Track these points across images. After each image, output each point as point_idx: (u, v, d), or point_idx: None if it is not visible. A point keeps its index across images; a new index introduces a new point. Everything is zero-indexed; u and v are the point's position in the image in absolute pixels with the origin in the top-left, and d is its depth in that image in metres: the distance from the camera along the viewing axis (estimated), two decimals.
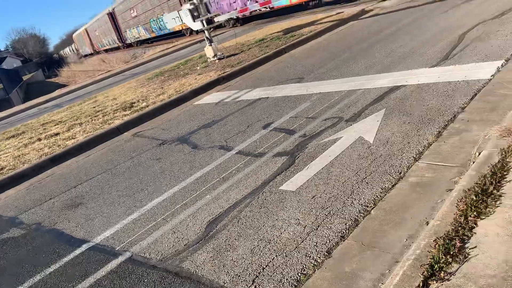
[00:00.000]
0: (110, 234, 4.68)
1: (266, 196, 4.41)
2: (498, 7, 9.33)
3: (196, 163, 5.93)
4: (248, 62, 12.14)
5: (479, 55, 6.54)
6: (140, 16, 40.31)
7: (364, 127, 5.31)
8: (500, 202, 3.02)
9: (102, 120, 10.29)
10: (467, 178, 3.40)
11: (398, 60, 7.78)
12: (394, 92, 6.18)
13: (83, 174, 7.12)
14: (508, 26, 7.63)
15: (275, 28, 18.30)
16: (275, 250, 3.47)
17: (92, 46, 65.41)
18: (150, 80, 15.01)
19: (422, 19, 10.93)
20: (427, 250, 2.76)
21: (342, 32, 13.18)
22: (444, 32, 8.73)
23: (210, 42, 14.11)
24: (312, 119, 6.21)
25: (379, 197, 3.76)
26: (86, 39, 67.28)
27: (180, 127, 8.09)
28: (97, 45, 62.64)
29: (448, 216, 3.03)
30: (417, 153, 4.28)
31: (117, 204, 5.45)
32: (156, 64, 21.53)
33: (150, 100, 10.97)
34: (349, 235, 3.38)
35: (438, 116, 4.95)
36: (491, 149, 3.71)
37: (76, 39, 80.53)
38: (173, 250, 3.96)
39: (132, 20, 43.05)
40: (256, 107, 7.86)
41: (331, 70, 8.77)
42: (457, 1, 11.74)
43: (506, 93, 4.81)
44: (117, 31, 48.73)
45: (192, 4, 13.50)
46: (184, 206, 4.76)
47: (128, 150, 7.71)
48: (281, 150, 5.45)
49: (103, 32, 55.10)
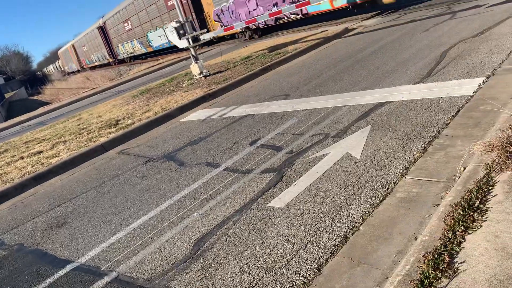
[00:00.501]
0: (96, 253, 4.58)
1: (254, 213, 4.38)
2: (477, 26, 9.60)
3: (183, 180, 5.89)
4: (234, 79, 12.20)
5: (460, 72, 6.69)
6: (135, 28, 37.97)
7: (351, 143, 5.36)
8: (486, 217, 3.05)
9: (86, 137, 10.17)
10: (454, 193, 3.43)
11: (382, 77, 7.91)
12: (379, 108, 6.26)
13: (67, 193, 6.99)
14: (487, 44, 7.84)
15: (260, 46, 18.49)
16: (264, 268, 3.44)
17: (79, 62, 63.16)
18: (136, 97, 14.95)
19: (404, 37, 11.17)
20: (417, 265, 2.76)
21: (326, 50, 13.37)
22: (426, 49, 8.93)
23: (196, 59, 14.17)
24: (299, 136, 6.23)
25: (367, 213, 3.77)
26: (72, 55, 65.15)
27: (166, 144, 8.04)
28: (84, 61, 60.32)
29: (436, 231, 3.04)
30: (403, 168, 4.32)
31: (102, 223, 5.35)
32: (142, 82, 21.49)
33: (136, 117, 10.91)
34: (338, 252, 3.37)
35: (423, 132, 5.02)
36: (476, 164, 3.77)
37: (62, 55, 77.76)
38: (160, 269, 3.89)
39: (126, 34, 40.79)
40: (242, 123, 7.87)
41: (316, 87, 8.86)
42: (438, 19, 12.06)
43: (488, 109, 4.91)
44: (108, 46, 46.89)
45: (178, 22, 13.58)
46: (171, 224, 4.70)
47: (114, 168, 7.62)
48: (269, 167, 5.45)
49: (92, 47, 53.00)
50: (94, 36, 49.26)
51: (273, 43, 18.09)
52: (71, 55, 66.21)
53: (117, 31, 42.49)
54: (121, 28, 41.28)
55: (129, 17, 37.66)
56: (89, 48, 53.83)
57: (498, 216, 3.01)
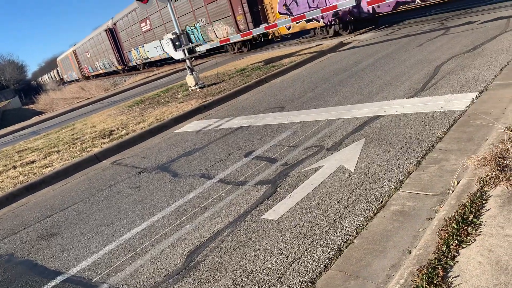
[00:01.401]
0: (87, 265, 4.52)
1: (248, 225, 4.36)
2: (470, 42, 9.73)
3: (177, 191, 5.85)
4: (230, 91, 12.23)
5: (454, 87, 6.76)
6: (155, 29, 31.40)
7: (345, 156, 5.37)
8: (480, 231, 3.05)
9: (80, 147, 10.12)
10: (448, 207, 3.44)
11: (376, 90, 7.96)
12: (373, 122, 6.30)
13: (59, 203, 6.92)
14: (480, 60, 7.94)
15: (256, 58, 18.59)
16: (257, 281, 3.41)
17: (80, 70, 57.58)
18: (130, 107, 14.93)
19: (398, 51, 11.29)
20: (411, 279, 2.75)
21: (321, 63, 13.47)
22: (420, 64, 9.02)
23: (192, 71, 14.21)
24: (294, 148, 6.24)
25: (361, 226, 3.76)
26: (73, 62, 59.83)
27: (160, 155, 8.01)
28: (87, 69, 54.52)
29: (430, 244, 3.04)
30: (397, 182, 4.33)
31: (94, 234, 5.29)
32: (137, 92, 21.49)
33: (130, 127, 10.88)
34: (332, 265, 3.35)
35: (417, 145, 5.05)
36: (470, 178, 3.78)
37: (60, 63, 72.82)
38: (152, 282, 3.84)
39: (142, 36, 34.25)
40: (237, 135, 7.87)
41: (311, 100, 8.90)
42: (431, 35, 12.21)
43: (481, 124, 4.96)
44: (118, 51, 41.38)
45: (174, 33, 13.65)
46: (164, 235, 4.65)
47: (107, 178, 7.57)
48: (263, 179, 5.44)
49: (97, 53, 47.66)
50: (101, 40, 44.06)
51: (268, 56, 18.21)
52: (71, 62, 61.40)
53: (131, 33, 36.78)
54: (136, 30, 35.23)
55: (149, 15, 31.42)
56: (94, 53, 49.07)
57: (491, 230, 3.02)
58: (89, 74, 54.18)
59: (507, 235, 2.92)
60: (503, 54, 7.78)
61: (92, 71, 52.55)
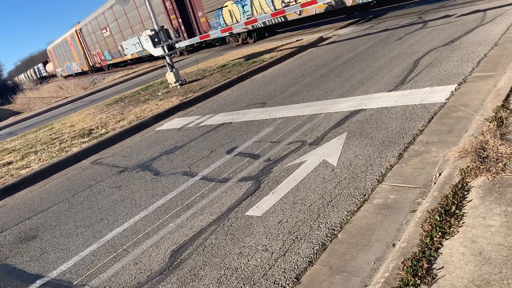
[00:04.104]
0: (67, 267, 4.41)
1: (231, 222, 4.31)
2: (448, 35, 9.84)
3: (159, 190, 5.77)
4: (211, 87, 12.14)
5: (433, 80, 6.82)
6: None
7: (328, 151, 5.36)
8: (463, 222, 3.07)
9: (59, 147, 9.90)
10: (430, 199, 3.45)
11: (357, 84, 7.99)
12: (355, 116, 6.31)
13: (38, 205, 6.75)
14: (458, 52, 8.03)
15: (237, 54, 18.50)
16: (242, 279, 3.37)
17: (88, 59, 42.33)
18: (110, 106, 14.69)
19: (378, 45, 11.35)
20: (396, 272, 2.75)
21: (302, 58, 13.47)
22: (400, 58, 9.09)
23: (172, 68, 14.05)
24: (276, 143, 6.21)
25: (345, 220, 3.75)
26: (74, 48, 44.51)
27: (141, 154, 7.89)
28: (100, 55, 38.40)
29: (414, 237, 3.04)
30: (380, 175, 4.34)
31: (74, 235, 5.17)
32: (116, 90, 21.17)
33: (110, 126, 10.70)
34: (317, 260, 3.34)
35: (398, 138, 5.07)
36: (451, 169, 3.81)
37: (52, 52, 55.05)
38: (135, 283, 3.77)
39: None
40: (219, 132, 7.80)
41: (293, 95, 8.88)
42: (410, 28, 12.32)
43: (461, 116, 5.01)
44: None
45: (152, 30, 13.46)
46: (146, 235, 4.57)
47: (87, 178, 7.42)
48: (246, 175, 5.40)
49: (126, 26, 30.17)
50: (133, 7, 26.54)
51: (249, 51, 18.13)
52: (71, 48, 45.06)
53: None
54: None
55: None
56: (121, 28, 30.74)
57: (474, 221, 3.04)
58: (104, 63, 36.44)
59: (489, 225, 2.95)
60: (480, 47, 7.89)
61: (111, 59, 35.06)
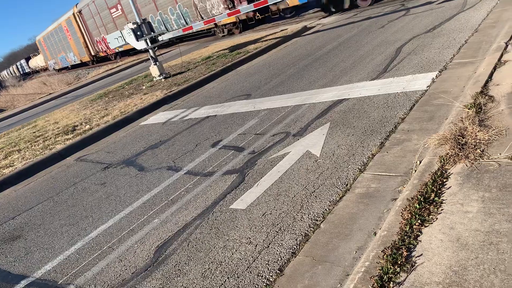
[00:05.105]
0: (52, 267, 4.39)
1: (216, 216, 4.31)
2: (429, 22, 9.89)
3: (143, 186, 5.74)
4: (195, 80, 12.06)
5: (415, 67, 6.86)
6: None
7: (311, 141, 5.38)
8: (442, 209, 3.12)
9: (42, 145, 9.78)
10: (410, 187, 3.49)
11: (340, 74, 8.00)
12: (338, 105, 6.33)
13: (22, 204, 6.68)
14: (439, 39, 8.08)
15: (221, 45, 18.38)
16: (226, 272, 3.38)
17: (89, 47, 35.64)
18: (94, 101, 14.53)
19: (361, 34, 11.37)
20: (376, 261, 2.78)
21: (286, 49, 13.44)
22: (382, 46, 9.12)
23: (155, 61, 13.92)
24: (261, 135, 6.21)
25: (327, 210, 3.78)
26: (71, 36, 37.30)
27: (126, 149, 7.83)
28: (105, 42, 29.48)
29: (394, 225, 3.08)
30: (362, 164, 4.37)
31: (59, 234, 5.14)
32: (100, 85, 20.92)
33: (94, 122, 10.59)
34: (300, 251, 3.36)
35: (380, 127, 5.10)
36: (431, 157, 3.85)
37: (43, 43, 47.65)
38: (120, 280, 3.76)
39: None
40: (204, 125, 7.77)
41: (277, 86, 8.87)
42: (393, 16, 12.35)
43: (441, 103, 5.05)
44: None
45: (134, 23, 13.29)
46: (131, 232, 4.56)
47: (71, 175, 7.35)
48: (231, 168, 5.40)
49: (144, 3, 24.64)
50: None
51: (234, 42, 18.03)
52: (67, 36, 38.11)
53: None
54: None
55: None
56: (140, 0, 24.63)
57: (452, 208, 3.08)
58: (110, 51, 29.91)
59: (466, 211, 3.00)
60: (461, 33, 7.95)
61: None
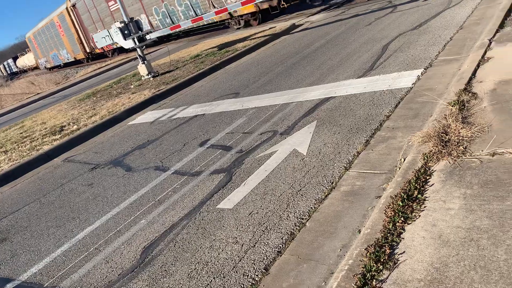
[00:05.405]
0: (38, 269, 4.36)
1: (203, 216, 4.32)
2: (415, 19, 9.96)
3: (131, 186, 5.72)
4: (184, 78, 12.02)
5: (401, 65, 6.91)
6: None
7: (298, 140, 5.40)
8: (424, 206, 3.15)
9: (29, 146, 9.69)
10: (394, 184, 3.53)
11: (328, 72, 8.03)
12: (325, 103, 6.35)
13: (8, 206, 6.62)
14: (425, 36, 8.14)
15: (210, 43, 18.33)
16: (212, 272, 3.39)
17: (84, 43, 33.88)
18: (82, 101, 14.41)
19: (348, 31, 11.41)
20: (360, 259, 2.81)
21: (274, 47, 13.44)
22: (369, 43, 9.16)
23: (143, 60, 13.84)
24: (248, 134, 6.22)
25: (313, 208, 3.81)
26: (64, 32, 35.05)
27: (113, 150, 7.79)
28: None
29: (378, 223, 3.11)
30: (347, 162, 4.40)
31: (46, 236, 5.10)
32: (89, 85, 20.75)
33: (82, 122, 10.51)
34: (286, 250, 3.38)
35: (365, 125, 5.14)
36: (415, 154, 3.89)
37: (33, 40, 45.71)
38: (106, 281, 3.75)
39: None
40: (192, 124, 7.76)
41: (265, 84, 8.88)
42: (380, 13, 12.41)
43: (426, 100, 5.10)
44: None
45: (122, 22, 13.20)
46: (118, 233, 4.55)
47: (59, 176, 7.30)
48: (218, 168, 5.40)
49: None
50: None
51: (223, 40, 17.98)
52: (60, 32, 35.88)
53: None
54: None
55: None
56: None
57: (434, 205, 3.12)
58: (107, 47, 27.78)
59: (448, 208, 3.03)
60: (446, 30, 8.01)
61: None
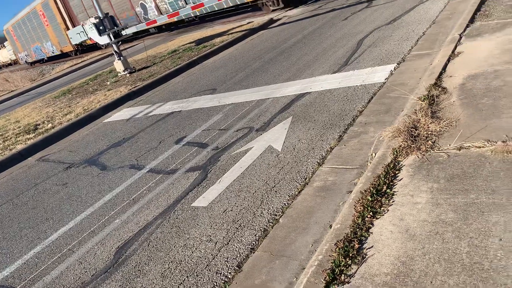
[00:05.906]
0: (10, 272, 4.29)
1: (177, 214, 4.31)
2: (390, 14, 10.08)
3: (105, 185, 5.66)
4: (160, 74, 11.91)
5: (374, 60, 6.99)
6: None
7: (273, 136, 5.42)
8: (393, 201, 3.21)
9: (2, 145, 9.47)
10: (364, 179, 3.58)
11: (304, 67, 8.07)
12: (300, 99, 6.39)
13: None
14: (399, 31, 8.25)
15: (188, 39, 18.19)
16: (186, 271, 3.39)
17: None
18: (57, 98, 14.15)
19: (325, 26, 11.47)
20: (329, 254, 2.85)
21: (252, 42, 13.42)
22: (345, 38, 9.23)
23: (120, 56, 13.66)
24: (225, 131, 6.21)
25: (286, 204, 3.84)
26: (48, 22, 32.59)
27: (88, 148, 7.69)
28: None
29: (348, 218, 3.16)
30: (320, 158, 4.44)
31: (18, 238, 5.02)
32: (65, 81, 20.37)
33: (56, 120, 10.33)
34: (259, 246, 3.41)
35: (339, 120, 5.19)
36: (385, 149, 3.95)
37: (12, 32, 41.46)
38: (79, 283, 3.72)
39: None
40: (168, 121, 7.71)
41: (242, 80, 8.87)
42: (356, 8, 12.51)
43: (398, 95, 5.18)
44: None
45: (97, 17, 12.99)
46: (92, 233, 4.50)
47: (32, 176, 7.17)
48: (194, 165, 5.39)
49: None
50: None
51: (201, 35, 17.87)
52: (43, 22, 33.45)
53: None
54: None
55: None
56: None
57: (403, 200, 3.19)
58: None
59: (416, 202, 3.10)
60: (420, 25, 8.13)
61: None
